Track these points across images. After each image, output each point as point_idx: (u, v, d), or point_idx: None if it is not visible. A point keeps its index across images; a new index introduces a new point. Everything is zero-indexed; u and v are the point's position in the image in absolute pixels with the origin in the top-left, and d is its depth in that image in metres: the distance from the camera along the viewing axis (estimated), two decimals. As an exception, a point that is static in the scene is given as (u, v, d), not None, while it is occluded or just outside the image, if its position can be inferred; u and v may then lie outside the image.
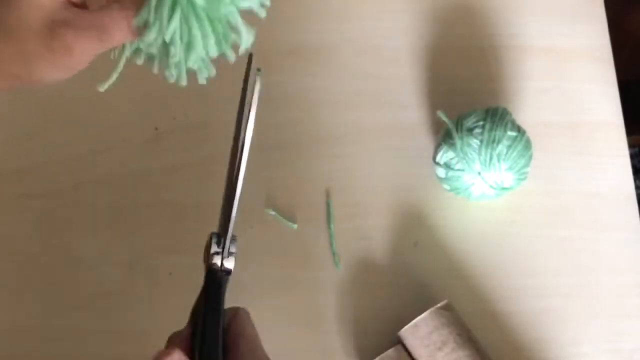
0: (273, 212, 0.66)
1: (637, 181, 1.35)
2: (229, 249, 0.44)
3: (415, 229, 0.66)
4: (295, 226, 0.66)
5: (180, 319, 0.63)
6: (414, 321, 0.58)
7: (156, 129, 0.69)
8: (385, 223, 0.66)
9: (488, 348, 0.59)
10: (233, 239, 0.44)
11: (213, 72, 0.41)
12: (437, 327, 0.57)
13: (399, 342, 0.59)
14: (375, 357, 0.58)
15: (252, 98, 0.42)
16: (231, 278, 0.44)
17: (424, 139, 0.69)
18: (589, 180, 0.68)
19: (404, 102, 0.71)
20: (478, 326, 0.60)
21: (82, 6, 0.39)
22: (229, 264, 0.44)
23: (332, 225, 0.66)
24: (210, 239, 0.44)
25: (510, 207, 0.66)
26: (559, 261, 0.65)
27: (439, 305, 0.59)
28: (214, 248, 0.43)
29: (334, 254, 0.65)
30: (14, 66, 0.38)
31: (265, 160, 0.68)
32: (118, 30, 0.37)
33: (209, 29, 0.39)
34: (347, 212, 0.66)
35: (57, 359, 0.61)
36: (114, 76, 0.42)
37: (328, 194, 0.67)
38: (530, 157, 0.62)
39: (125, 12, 0.37)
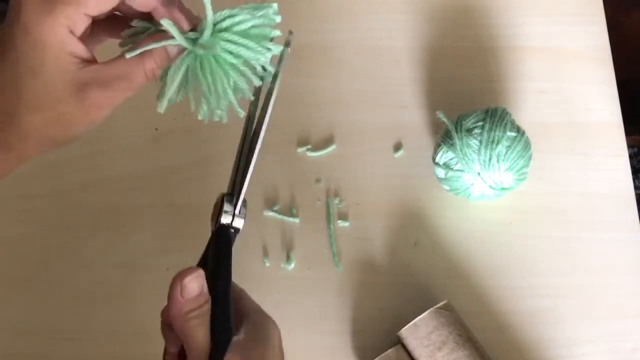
0: (272, 212, 0.66)
1: (637, 181, 1.35)
2: (240, 209, 0.46)
3: (415, 229, 0.66)
4: (298, 220, 0.66)
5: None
6: (413, 321, 0.58)
7: (156, 129, 0.69)
8: (385, 223, 0.66)
9: (488, 348, 0.59)
10: (244, 202, 0.46)
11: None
12: (437, 327, 0.57)
13: (399, 342, 0.59)
14: (375, 357, 0.58)
15: (285, 54, 0.45)
16: (238, 236, 0.46)
17: (424, 139, 0.69)
18: (589, 181, 0.68)
19: (404, 102, 0.71)
20: (478, 326, 0.61)
21: (93, 60, 0.41)
22: (239, 223, 0.46)
23: (332, 225, 0.66)
24: (222, 198, 0.46)
25: (509, 208, 0.66)
26: (559, 261, 0.65)
27: (438, 305, 0.59)
28: (226, 207, 0.45)
29: (334, 254, 0.65)
30: (49, 130, 0.40)
31: (265, 160, 0.68)
32: (137, 77, 0.40)
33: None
34: (347, 212, 0.66)
35: (57, 359, 0.61)
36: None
37: (328, 194, 0.67)
38: (530, 158, 0.62)
39: (138, 61, 0.40)
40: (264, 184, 0.67)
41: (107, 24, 0.43)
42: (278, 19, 0.45)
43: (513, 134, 0.60)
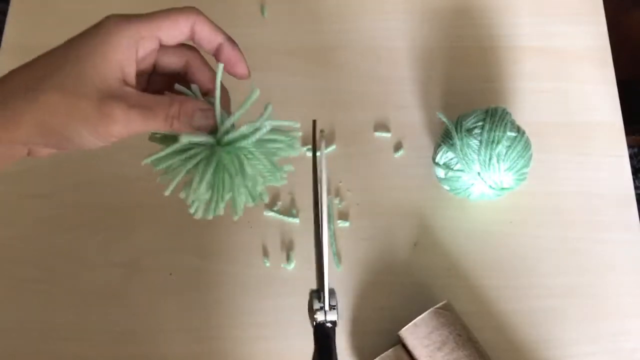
0: (272, 212, 0.66)
1: (637, 181, 1.35)
2: (329, 302, 0.47)
3: (415, 229, 0.66)
4: (298, 220, 0.66)
5: (180, 319, 0.63)
6: (414, 321, 0.58)
7: (156, 129, 0.69)
8: (385, 223, 0.66)
9: (488, 348, 0.59)
10: (332, 293, 0.47)
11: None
12: (437, 327, 0.57)
13: (399, 342, 0.59)
14: (375, 357, 0.58)
15: (322, 165, 0.46)
16: (338, 329, 0.48)
17: (424, 139, 0.69)
18: (589, 181, 0.68)
19: (404, 102, 0.71)
20: (478, 326, 0.60)
21: (133, 87, 0.43)
22: (332, 316, 0.47)
23: (332, 225, 0.66)
24: (311, 296, 0.47)
25: (509, 208, 0.66)
26: (559, 261, 0.65)
27: (438, 305, 0.59)
28: (316, 304, 0.46)
29: (334, 254, 0.65)
30: (60, 119, 0.40)
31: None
32: (158, 113, 0.41)
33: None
34: (347, 212, 0.66)
35: (57, 359, 0.61)
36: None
37: (328, 194, 0.67)
38: (530, 158, 0.62)
39: (168, 101, 0.41)
40: (264, 184, 0.67)
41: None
42: (298, 150, 0.46)
43: (513, 134, 0.60)
